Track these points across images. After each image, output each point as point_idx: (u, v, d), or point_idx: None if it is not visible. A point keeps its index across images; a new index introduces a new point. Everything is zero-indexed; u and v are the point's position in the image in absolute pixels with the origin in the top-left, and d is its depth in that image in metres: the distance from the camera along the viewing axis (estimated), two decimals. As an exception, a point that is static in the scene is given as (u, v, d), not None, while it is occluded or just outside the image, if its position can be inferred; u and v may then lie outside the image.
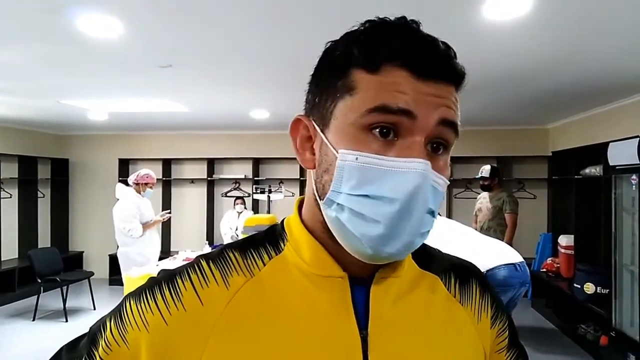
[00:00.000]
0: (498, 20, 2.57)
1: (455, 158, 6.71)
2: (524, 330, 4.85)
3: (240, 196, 6.90)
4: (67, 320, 5.36)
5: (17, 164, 6.84)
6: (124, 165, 7.62)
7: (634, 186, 3.77)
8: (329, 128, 0.56)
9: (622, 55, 3.22)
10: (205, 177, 7.50)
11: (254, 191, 5.86)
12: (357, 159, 0.52)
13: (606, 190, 4.33)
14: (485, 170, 5.20)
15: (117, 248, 4.82)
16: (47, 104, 5.13)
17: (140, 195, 4.89)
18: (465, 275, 0.69)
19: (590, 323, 4.55)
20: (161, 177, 7.33)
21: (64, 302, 5.49)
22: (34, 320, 5.39)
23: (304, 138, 0.60)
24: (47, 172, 7.48)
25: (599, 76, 3.80)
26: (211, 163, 7.57)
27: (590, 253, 4.91)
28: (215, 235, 7.32)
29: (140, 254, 4.73)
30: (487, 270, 3.41)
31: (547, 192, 6.75)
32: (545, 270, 5.69)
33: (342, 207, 0.53)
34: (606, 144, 4.08)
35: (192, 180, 7.63)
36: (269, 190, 5.53)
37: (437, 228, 0.55)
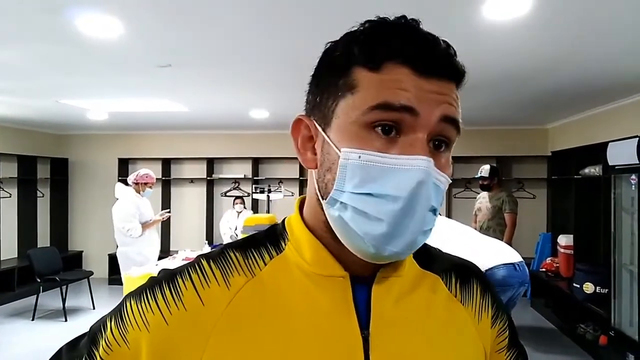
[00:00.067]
0: (498, 20, 2.57)
1: (455, 158, 6.58)
2: (523, 330, 4.85)
3: (240, 196, 6.90)
4: (66, 320, 5.35)
5: (17, 164, 6.84)
6: (124, 165, 7.62)
7: (634, 186, 3.77)
8: (331, 127, 0.56)
9: (621, 55, 3.22)
10: (205, 176, 7.50)
11: (254, 191, 5.85)
12: (360, 157, 0.52)
13: (605, 190, 4.33)
14: (485, 170, 5.20)
15: (117, 248, 4.82)
16: (46, 103, 5.12)
17: (140, 195, 4.88)
18: (466, 275, 0.69)
19: (589, 323, 4.56)
20: (161, 177, 7.33)
21: (64, 301, 5.49)
22: (33, 319, 5.39)
23: (305, 138, 0.60)
24: (47, 171, 7.48)
25: (599, 76, 3.80)
26: (211, 163, 7.57)
27: (590, 253, 4.92)
28: (214, 235, 7.32)
29: (140, 254, 4.72)
30: (486, 270, 3.41)
31: (546, 192, 6.75)
32: (544, 270, 5.70)
33: (345, 205, 0.53)
34: (605, 144, 4.09)
35: (192, 180, 7.63)
36: (268, 189, 5.53)
37: (436, 227, 0.55)
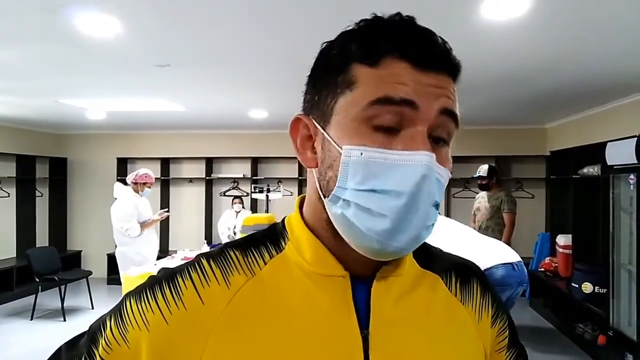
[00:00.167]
0: (496, 20, 2.57)
1: (454, 157, 6.48)
2: (522, 330, 4.84)
3: (238, 195, 6.90)
4: (65, 320, 5.35)
5: (15, 163, 6.83)
6: (122, 165, 7.62)
7: (632, 186, 3.77)
8: (331, 125, 0.56)
9: (620, 55, 3.22)
10: (204, 176, 7.49)
11: (253, 190, 5.85)
12: (362, 154, 0.52)
13: (604, 190, 4.34)
14: (483, 169, 5.21)
15: (115, 247, 4.82)
16: (45, 103, 5.12)
17: (139, 194, 4.88)
18: (466, 275, 0.69)
19: (588, 322, 4.56)
20: (159, 177, 7.32)
21: (62, 301, 5.48)
22: (31, 319, 5.38)
23: (304, 137, 0.60)
24: (45, 171, 7.47)
25: (598, 76, 3.80)
26: (210, 162, 7.56)
27: (588, 252, 4.93)
28: (213, 235, 7.31)
29: (138, 254, 4.72)
30: (485, 270, 3.41)
31: (545, 191, 6.76)
32: (543, 269, 5.70)
33: (348, 202, 0.53)
34: (604, 144, 4.09)
35: (191, 180, 7.63)
36: (267, 189, 5.53)
37: (436, 226, 0.55)
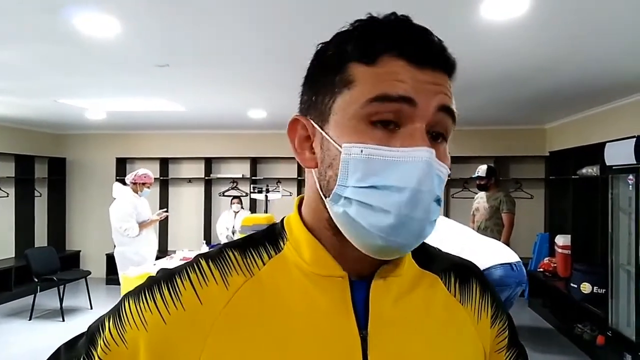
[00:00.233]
0: (496, 21, 2.57)
1: (453, 158, 6.55)
2: (521, 330, 4.83)
3: (237, 195, 6.89)
4: (63, 320, 5.34)
5: (14, 163, 6.82)
6: (122, 165, 7.61)
7: (631, 186, 3.78)
8: (329, 124, 0.56)
9: (620, 55, 3.23)
10: (203, 176, 7.49)
11: (252, 191, 5.85)
12: (362, 151, 0.52)
13: (603, 190, 4.34)
14: (482, 170, 5.22)
15: (114, 247, 4.81)
16: (44, 103, 5.11)
17: (138, 194, 4.87)
18: (465, 275, 0.69)
19: (587, 323, 4.56)
20: (158, 177, 7.32)
21: (61, 301, 5.48)
22: (30, 319, 5.38)
23: (302, 138, 0.60)
24: (44, 171, 7.46)
25: (597, 76, 3.80)
26: (209, 162, 7.56)
27: (587, 253, 4.93)
28: (212, 235, 7.31)
29: (137, 254, 4.71)
30: (484, 270, 3.40)
31: (544, 192, 6.76)
32: (542, 270, 5.71)
33: (349, 200, 0.53)
34: (603, 144, 4.09)
35: (190, 180, 7.62)
36: (266, 189, 5.53)
37: (434, 226, 0.56)
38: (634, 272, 3.73)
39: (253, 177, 7.32)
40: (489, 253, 3.56)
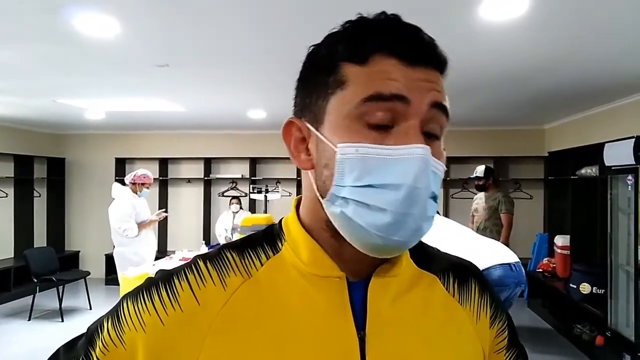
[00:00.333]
0: (495, 21, 2.58)
1: (452, 158, 6.72)
2: (520, 330, 4.80)
3: (236, 196, 6.88)
4: (63, 320, 5.34)
5: (13, 163, 6.82)
6: (121, 165, 7.61)
7: (630, 186, 3.78)
8: (324, 125, 0.56)
9: (620, 55, 3.23)
10: (202, 176, 7.48)
11: (251, 191, 5.85)
12: (357, 150, 0.52)
13: (602, 191, 4.34)
14: (479, 170, 5.23)
15: (114, 248, 4.81)
16: (43, 103, 5.11)
17: (137, 195, 4.87)
18: (464, 275, 0.69)
19: (586, 323, 4.57)
20: (158, 177, 7.32)
21: (60, 301, 5.47)
22: (29, 320, 5.37)
23: (297, 140, 0.60)
24: (44, 171, 7.46)
25: (597, 76, 3.80)
26: (208, 163, 7.56)
27: (586, 253, 4.93)
28: (212, 235, 7.30)
29: (136, 254, 4.71)
30: (483, 270, 3.39)
31: (543, 192, 6.76)
32: (541, 270, 5.71)
33: (346, 200, 0.53)
34: (602, 145, 4.10)
35: (189, 180, 7.62)
36: (265, 190, 5.53)
37: (433, 226, 0.55)
38: (633, 273, 3.73)
39: (252, 178, 7.32)
40: (488, 253, 3.56)
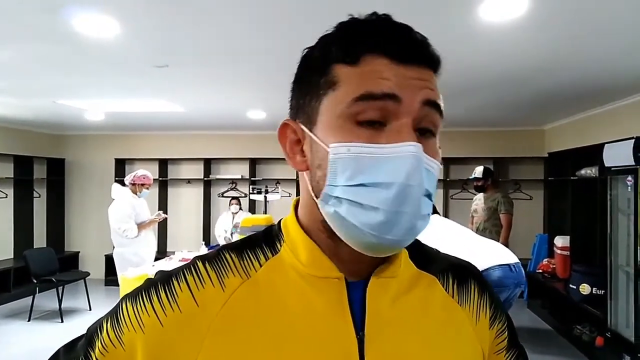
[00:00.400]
0: (495, 22, 2.58)
1: (452, 159, 6.72)
2: (520, 331, 4.79)
3: (236, 196, 6.88)
4: (62, 321, 5.34)
5: (13, 164, 6.82)
6: (121, 165, 7.61)
7: (630, 187, 3.78)
8: (317, 126, 0.56)
9: (620, 55, 3.23)
10: (202, 177, 7.48)
11: (251, 191, 5.85)
12: (349, 150, 0.52)
13: (602, 192, 4.34)
14: (478, 171, 5.23)
15: (113, 248, 4.81)
16: (43, 103, 5.11)
17: (137, 195, 4.87)
18: (463, 276, 0.69)
19: (585, 324, 4.57)
20: (157, 177, 7.32)
21: (60, 302, 5.47)
22: (29, 320, 5.37)
23: (292, 142, 0.61)
24: (43, 172, 7.45)
25: (597, 76, 3.81)
26: (208, 163, 7.56)
27: (586, 254, 4.93)
28: (211, 236, 7.30)
29: (136, 255, 4.71)
30: (482, 271, 3.36)
31: (543, 193, 6.77)
32: (541, 271, 5.71)
33: (339, 200, 0.53)
34: (602, 145, 4.10)
35: (189, 181, 7.62)
36: (265, 190, 5.52)
37: (433, 227, 0.55)
38: (633, 273, 3.73)
39: (252, 178, 7.32)
40: (487, 254, 3.56)
